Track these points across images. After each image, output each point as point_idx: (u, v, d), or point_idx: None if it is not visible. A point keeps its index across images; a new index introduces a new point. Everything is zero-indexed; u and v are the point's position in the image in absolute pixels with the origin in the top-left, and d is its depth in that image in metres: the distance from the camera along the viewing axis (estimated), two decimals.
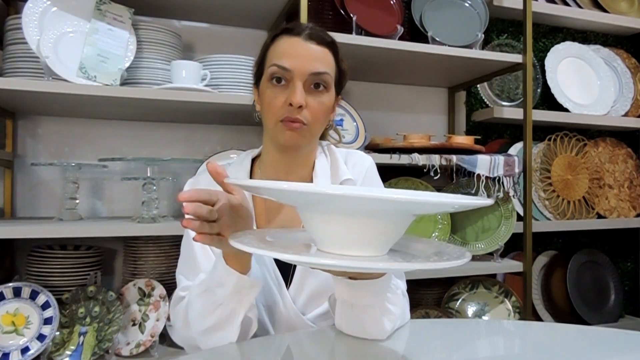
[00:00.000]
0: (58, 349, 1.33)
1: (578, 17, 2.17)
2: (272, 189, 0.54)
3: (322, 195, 0.51)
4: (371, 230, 0.54)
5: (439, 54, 1.65)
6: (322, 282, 0.90)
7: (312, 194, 0.52)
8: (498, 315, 1.78)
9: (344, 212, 0.53)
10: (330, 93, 0.89)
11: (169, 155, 1.71)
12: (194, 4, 1.60)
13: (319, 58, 0.86)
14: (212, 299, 0.77)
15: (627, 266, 2.38)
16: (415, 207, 0.53)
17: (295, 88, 0.84)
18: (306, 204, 0.56)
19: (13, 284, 1.31)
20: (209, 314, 0.77)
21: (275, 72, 0.85)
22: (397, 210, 0.54)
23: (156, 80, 1.48)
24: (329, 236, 0.56)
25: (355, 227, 0.54)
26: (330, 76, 0.88)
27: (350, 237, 0.55)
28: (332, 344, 0.80)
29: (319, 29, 0.89)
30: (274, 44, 0.89)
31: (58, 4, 1.37)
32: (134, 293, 1.47)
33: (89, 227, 1.31)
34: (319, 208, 0.55)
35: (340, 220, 0.54)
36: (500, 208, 1.79)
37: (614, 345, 0.80)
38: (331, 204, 0.53)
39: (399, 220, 0.55)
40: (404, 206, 0.52)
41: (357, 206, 0.52)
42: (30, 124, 1.61)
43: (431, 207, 0.57)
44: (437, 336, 0.85)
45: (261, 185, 0.54)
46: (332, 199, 0.52)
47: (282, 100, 0.85)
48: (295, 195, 0.54)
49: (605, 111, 2.17)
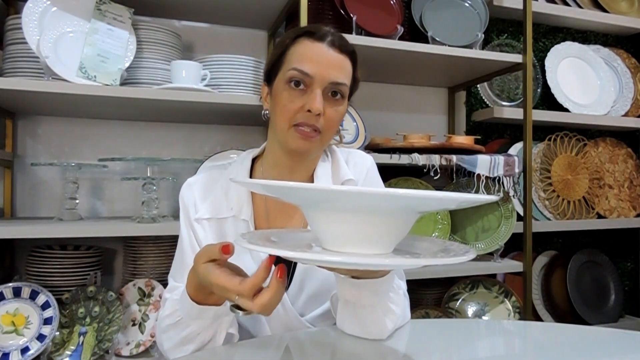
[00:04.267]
0: (58, 349, 1.33)
1: (578, 17, 2.17)
2: (277, 187, 0.54)
3: (327, 192, 0.51)
4: (377, 228, 0.54)
5: (439, 54, 1.65)
6: (321, 283, 0.90)
7: (317, 191, 0.52)
8: (498, 315, 1.78)
9: (349, 209, 0.53)
10: (345, 102, 0.89)
11: (169, 155, 1.71)
12: (194, 4, 1.60)
13: (340, 67, 0.86)
14: (187, 330, 0.74)
15: (627, 266, 2.38)
16: (421, 203, 0.53)
17: (315, 95, 0.83)
18: (311, 202, 0.56)
19: (13, 284, 1.31)
20: (186, 343, 0.75)
21: (295, 76, 0.84)
22: (403, 207, 0.54)
23: (156, 80, 1.48)
24: (335, 234, 0.56)
25: (361, 224, 0.54)
26: (347, 87, 0.87)
27: (356, 235, 0.55)
28: (332, 343, 0.80)
29: (341, 36, 0.89)
30: (294, 45, 0.87)
31: (58, 4, 1.37)
32: (134, 293, 1.47)
33: (89, 227, 1.31)
34: (324, 206, 0.54)
35: (346, 218, 0.53)
36: (500, 208, 1.79)
37: (614, 345, 0.80)
38: (336, 202, 0.53)
39: (404, 217, 0.55)
40: (410, 202, 0.52)
41: (362, 203, 0.52)
42: (30, 124, 1.61)
43: (437, 203, 0.57)
44: (437, 336, 0.85)
45: (267, 184, 0.54)
46: (337, 196, 0.52)
47: (299, 105, 0.84)
48: (302, 193, 0.54)
49: (605, 111, 2.17)
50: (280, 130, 0.86)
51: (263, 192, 0.60)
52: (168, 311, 0.77)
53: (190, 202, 0.92)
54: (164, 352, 0.81)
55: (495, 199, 0.55)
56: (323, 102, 0.84)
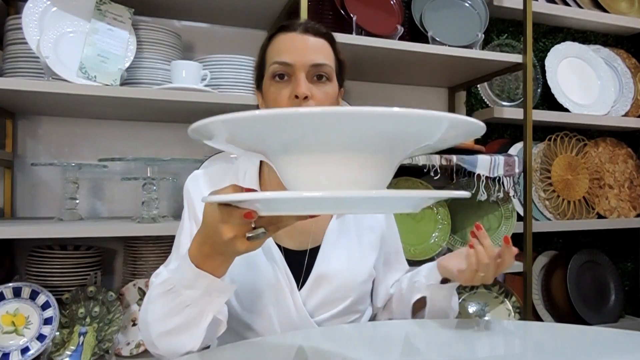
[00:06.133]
0: (58, 349, 1.33)
1: (578, 17, 2.16)
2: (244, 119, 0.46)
3: (295, 114, 0.43)
4: (359, 166, 0.48)
5: (439, 54, 1.65)
6: (337, 289, 0.90)
7: (285, 116, 0.43)
8: (498, 315, 1.78)
9: (323, 144, 0.46)
10: (334, 84, 0.88)
11: (169, 155, 1.71)
12: (194, 4, 1.60)
13: (317, 49, 0.86)
14: (177, 300, 0.71)
15: (627, 266, 2.38)
16: (401, 122, 0.46)
17: (299, 80, 0.83)
18: (277, 144, 0.49)
19: (13, 284, 1.31)
20: (173, 315, 0.71)
21: (277, 70, 0.85)
22: (388, 131, 0.48)
23: (156, 80, 1.48)
24: (311, 180, 0.50)
25: (342, 163, 0.48)
26: (330, 67, 0.87)
27: (337, 177, 0.48)
28: (331, 344, 0.80)
29: (313, 22, 0.89)
30: (271, 43, 0.89)
31: (58, 4, 1.37)
32: (134, 293, 1.47)
33: (89, 227, 1.31)
34: (294, 147, 0.48)
35: (320, 159, 0.48)
36: (501, 208, 1.79)
37: (614, 345, 0.80)
38: (310, 128, 0.46)
39: (390, 152, 0.50)
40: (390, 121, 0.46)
41: (337, 129, 0.45)
42: (30, 124, 1.61)
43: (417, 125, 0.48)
44: (437, 336, 0.85)
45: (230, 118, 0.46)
46: (309, 120, 0.44)
47: (286, 94, 0.84)
48: (269, 123, 0.46)
49: (605, 111, 2.17)
50: None
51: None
52: (160, 279, 0.75)
53: (196, 195, 0.91)
54: (146, 326, 0.75)
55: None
56: (309, 86, 0.84)
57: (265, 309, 0.87)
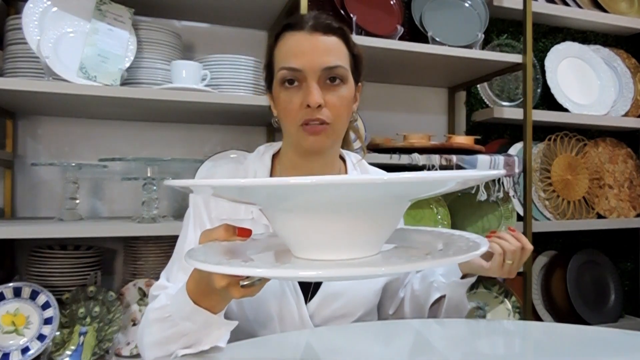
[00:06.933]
0: (58, 349, 1.33)
1: (578, 17, 2.16)
2: (229, 187, 0.44)
3: (289, 187, 0.40)
4: (359, 225, 0.45)
5: (439, 54, 1.65)
6: (346, 304, 0.88)
7: (277, 187, 0.41)
8: (498, 315, 1.78)
9: (321, 205, 0.43)
10: (349, 84, 0.83)
11: (169, 155, 1.71)
12: (194, 4, 1.60)
13: (328, 50, 0.80)
14: (174, 329, 0.69)
15: (627, 266, 2.38)
16: (405, 189, 0.43)
17: (310, 88, 0.78)
18: (273, 200, 0.46)
19: (13, 284, 1.31)
20: (170, 342, 0.69)
21: (286, 76, 0.80)
22: (391, 195, 0.45)
23: (156, 80, 1.48)
24: (307, 239, 0.47)
25: (339, 223, 0.44)
26: (344, 68, 0.81)
27: (335, 238, 0.45)
28: (332, 343, 0.80)
29: (324, 17, 0.82)
30: (278, 44, 0.84)
31: (58, 4, 1.37)
32: (134, 293, 1.47)
33: (89, 227, 1.31)
34: (288, 205, 0.45)
35: (320, 218, 0.44)
36: (500, 208, 1.79)
37: (614, 345, 0.80)
38: (304, 196, 0.43)
39: (393, 209, 0.47)
40: (398, 188, 0.43)
41: (331, 196, 0.42)
42: (30, 124, 1.61)
43: (428, 187, 0.46)
44: (437, 336, 0.85)
45: (217, 184, 0.43)
46: (302, 190, 0.41)
47: (297, 102, 0.79)
48: (258, 191, 0.43)
49: (605, 111, 2.17)
50: (290, 133, 0.83)
51: (211, 193, 0.48)
52: (158, 304, 0.72)
53: (203, 200, 0.87)
54: (142, 346, 0.74)
55: (499, 174, 0.47)
56: (321, 92, 0.79)
57: (270, 319, 0.86)
